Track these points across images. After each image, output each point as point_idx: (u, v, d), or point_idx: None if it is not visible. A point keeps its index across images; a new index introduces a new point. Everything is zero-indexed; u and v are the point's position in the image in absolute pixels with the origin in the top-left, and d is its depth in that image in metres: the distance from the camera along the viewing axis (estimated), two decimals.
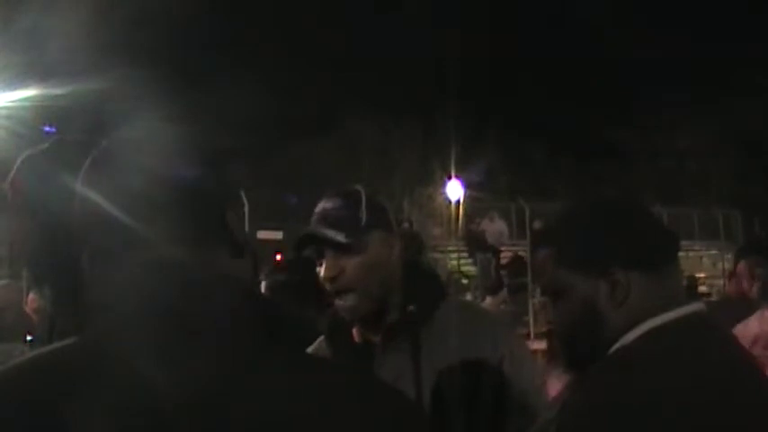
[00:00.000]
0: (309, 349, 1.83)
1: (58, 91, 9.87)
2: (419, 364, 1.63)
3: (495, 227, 15.11)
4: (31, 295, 5.13)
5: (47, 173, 1.08)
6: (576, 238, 1.29)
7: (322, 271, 1.70)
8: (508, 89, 22.26)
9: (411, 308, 1.68)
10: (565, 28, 22.67)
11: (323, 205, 1.73)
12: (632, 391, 1.13)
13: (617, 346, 1.22)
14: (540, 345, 6.01)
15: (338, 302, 1.69)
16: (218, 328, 0.86)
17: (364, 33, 20.10)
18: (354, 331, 1.75)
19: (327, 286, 1.69)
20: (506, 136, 22.67)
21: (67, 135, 1.15)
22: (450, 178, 19.33)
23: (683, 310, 1.23)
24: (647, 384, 1.13)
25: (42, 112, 10.81)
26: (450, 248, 16.40)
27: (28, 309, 5.42)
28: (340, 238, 1.66)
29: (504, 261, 14.99)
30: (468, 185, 19.27)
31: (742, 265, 3.15)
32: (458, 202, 19.05)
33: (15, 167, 1.11)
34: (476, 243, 15.01)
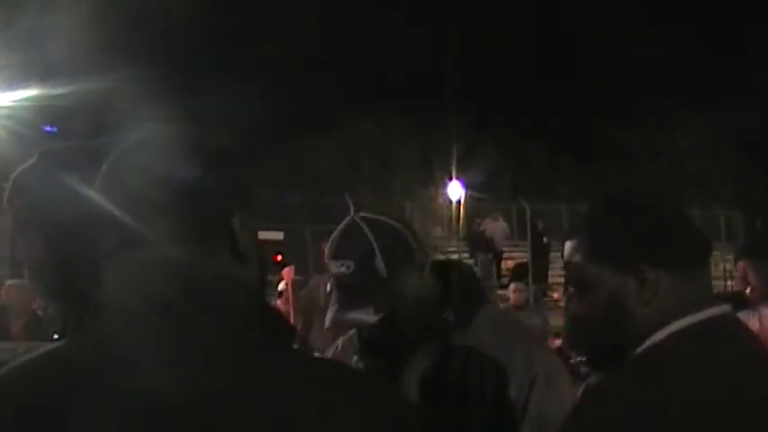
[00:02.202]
0: (340, 341, 1.79)
1: (58, 91, 9.86)
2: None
3: (498, 226, 15.15)
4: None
5: (42, 183, 1.08)
6: (608, 232, 1.28)
7: None
8: (508, 89, 22.21)
9: (447, 314, 1.59)
10: (565, 28, 22.60)
11: (335, 270, 1.55)
12: (666, 392, 1.12)
13: (646, 344, 1.21)
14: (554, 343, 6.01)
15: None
16: (218, 328, 0.86)
17: (364, 33, 20.05)
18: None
19: None
20: (506, 136, 22.63)
21: (56, 145, 1.15)
22: (450, 179, 19.33)
23: (711, 312, 1.22)
24: (682, 386, 1.13)
25: (43, 112, 10.81)
26: (450, 249, 16.40)
27: (35, 307, 5.44)
28: (370, 318, 1.52)
29: (506, 263, 15.11)
30: (468, 186, 19.27)
31: (740, 267, 3.15)
32: (458, 202, 19.05)
33: (9, 186, 1.11)
34: (477, 243, 15.04)
